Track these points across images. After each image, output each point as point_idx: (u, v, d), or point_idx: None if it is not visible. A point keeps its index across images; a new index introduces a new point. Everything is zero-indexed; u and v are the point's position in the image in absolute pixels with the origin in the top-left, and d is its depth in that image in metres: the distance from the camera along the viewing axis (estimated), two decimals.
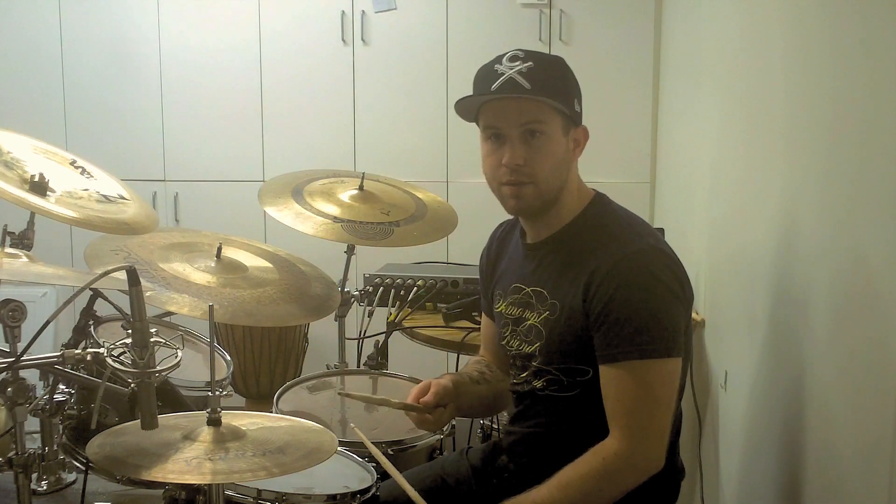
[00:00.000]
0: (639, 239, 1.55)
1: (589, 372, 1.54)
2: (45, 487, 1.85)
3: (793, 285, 1.61)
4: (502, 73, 1.52)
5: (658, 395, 1.48)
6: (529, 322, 1.62)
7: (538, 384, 1.61)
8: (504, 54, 1.56)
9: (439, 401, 1.66)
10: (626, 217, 1.62)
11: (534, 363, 1.61)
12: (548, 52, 3.74)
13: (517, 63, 1.53)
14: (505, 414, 1.86)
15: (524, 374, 1.65)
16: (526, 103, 1.53)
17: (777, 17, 1.82)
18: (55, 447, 1.81)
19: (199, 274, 1.83)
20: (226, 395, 2.08)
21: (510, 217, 1.79)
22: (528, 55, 1.54)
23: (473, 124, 1.63)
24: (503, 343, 1.70)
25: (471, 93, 1.59)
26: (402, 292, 2.63)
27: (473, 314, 2.50)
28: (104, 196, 1.83)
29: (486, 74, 1.56)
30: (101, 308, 2.00)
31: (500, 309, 1.72)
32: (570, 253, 1.59)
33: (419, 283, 2.64)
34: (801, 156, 1.59)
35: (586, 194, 1.65)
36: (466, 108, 1.60)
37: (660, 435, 1.49)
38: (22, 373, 1.52)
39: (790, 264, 1.64)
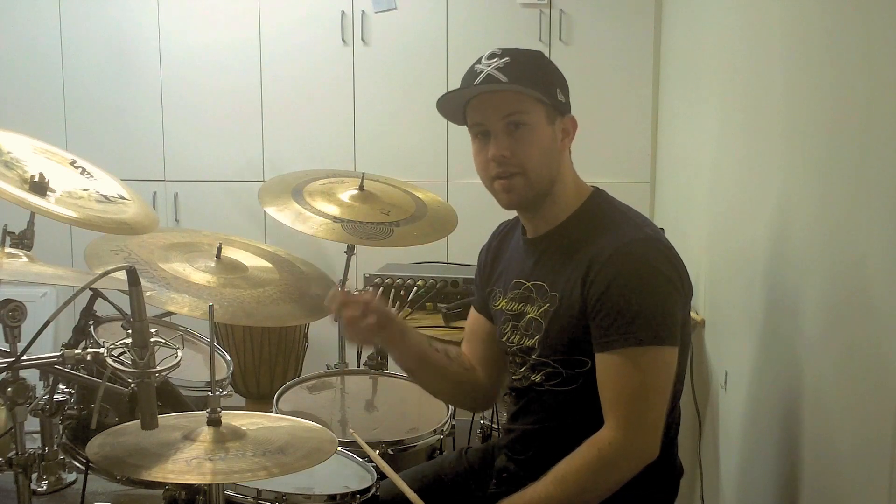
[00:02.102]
0: (637, 229, 1.56)
1: (587, 363, 1.54)
2: (45, 487, 1.85)
3: (792, 285, 1.61)
4: (481, 71, 1.56)
5: (653, 383, 1.48)
6: (529, 316, 1.63)
7: (537, 378, 1.61)
8: (483, 54, 1.59)
9: (370, 306, 1.61)
10: (624, 209, 1.63)
11: (532, 356, 1.61)
12: (548, 52, 3.75)
13: (494, 59, 1.57)
14: (504, 414, 1.86)
15: (522, 369, 1.65)
16: (505, 95, 1.56)
17: (777, 17, 1.82)
18: (55, 447, 1.82)
19: (199, 274, 1.84)
20: (226, 395, 2.08)
21: (511, 217, 1.80)
22: (506, 51, 1.58)
23: None
24: (503, 340, 1.70)
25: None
26: (402, 292, 2.63)
27: None
28: (104, 196, 1.83)
29: (467, 75, 1.59)
30: (101, 308, 2.01)
31: (500, 306, 1.72)
32: (570, 246, 1.60)
33: (419, 283, 2.64)
34: (800, 156, 1.59)
35: (584, 190, 1.66)
36: (453, 111, 1.62)
37: (654, 424, 1.49)
38: (22, 373, 1.52)
39: (790, 264, 1.64)
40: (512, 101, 1.55)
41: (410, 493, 1.49)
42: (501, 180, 1.58)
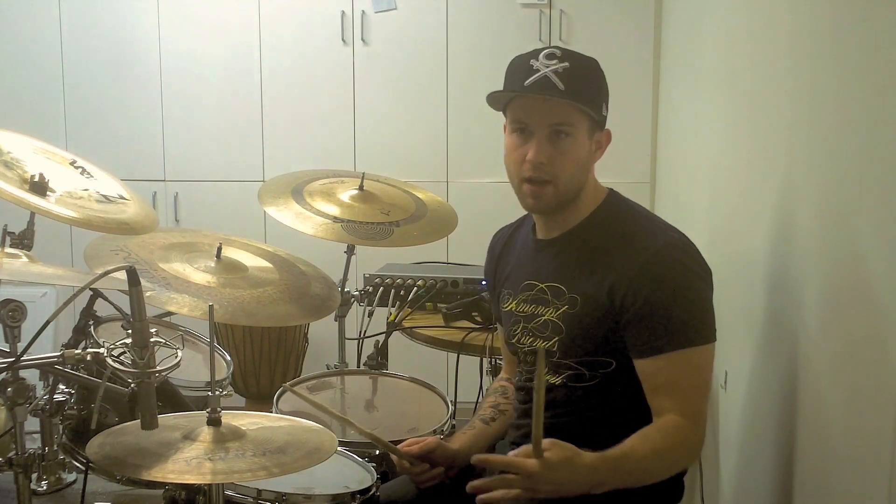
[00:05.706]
0: (661, 234, 1.57)
1: (612, 364, 1.55)
2: (45, 487, 1.85)
3: (793, 285, 1.61)
4: (537, 70, 1.53)
5: (707, 378, 1.54)
6: (544, 318, 1.62)
7: (557, 381, 1.61)
8: (541, 50, 1.56)
9: (423, 454, 1.69)
10: (642, 213, 1.65)
11: (552, 359, 1.60)
12: None
13: (554, 61, 1.53)
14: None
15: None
16: (557, 104, 1.54)
17: (777, 16, 1.82)
18: (55, 447, 1.81)
19: (199, 274, 1.83)
20: (226, 395, 2.08)
21: (507, 223, 1.80)
22: (565, 55, 1.55)
23: (472, 125, 1.65)
24: (513, 341, 1.70)
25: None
26: (402, 292, 2.63)
27: (473, 314, 2.50)
28: (104, 196, 1.83)
29: (519, 67, 1.56)
30: (101, 308, 2.01)
31: (509, 307, 1.72)
32: (589, 248, 1.60)
33: (419, 283, 2.63)
34: (801, 155, 1.59)
35: (600, 192, 1.67)
36: (495, 98, 1.60)
37: (705, 415, 1.54)
38: (22, 373, 1.52)
39: (790, 264, 1.64)
40: (562, 111, 1.54)
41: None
42: (532, 185, 1.57)
